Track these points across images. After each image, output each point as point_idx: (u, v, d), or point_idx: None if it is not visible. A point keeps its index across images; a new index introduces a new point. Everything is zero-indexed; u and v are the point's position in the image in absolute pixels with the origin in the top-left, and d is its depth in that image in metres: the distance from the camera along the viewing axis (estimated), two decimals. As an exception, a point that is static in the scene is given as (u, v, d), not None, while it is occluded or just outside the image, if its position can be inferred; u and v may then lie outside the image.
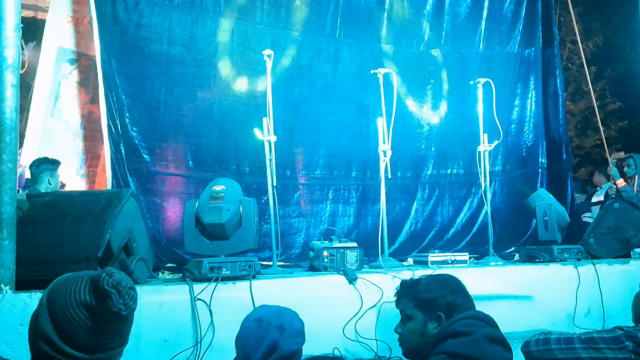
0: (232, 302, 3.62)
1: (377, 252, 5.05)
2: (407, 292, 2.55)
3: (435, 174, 7.05)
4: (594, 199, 8.24)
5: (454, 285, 2.48)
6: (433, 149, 7.06)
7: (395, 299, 2.67)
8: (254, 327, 2.38)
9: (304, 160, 6.37)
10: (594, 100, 7.83)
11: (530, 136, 7.55)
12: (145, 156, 5.47)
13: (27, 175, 5.41)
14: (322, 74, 6.50)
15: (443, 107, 7.13)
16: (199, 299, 3.54)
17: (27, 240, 3.42)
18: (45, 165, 5.22)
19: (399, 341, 2.55)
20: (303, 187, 6.36)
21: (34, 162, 5.31)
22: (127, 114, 5.38)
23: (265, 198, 5.35)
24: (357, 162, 6.63)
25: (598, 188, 8.36)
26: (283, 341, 2.29)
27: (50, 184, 5.13)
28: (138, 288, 3.50)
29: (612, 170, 7.09)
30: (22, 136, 5.71)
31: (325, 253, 4.40)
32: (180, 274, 4.29)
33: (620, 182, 6.95)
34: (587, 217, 7.97)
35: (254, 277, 3.80)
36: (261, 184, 5.72)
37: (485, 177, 5.76)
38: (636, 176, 7.00)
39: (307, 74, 6.42)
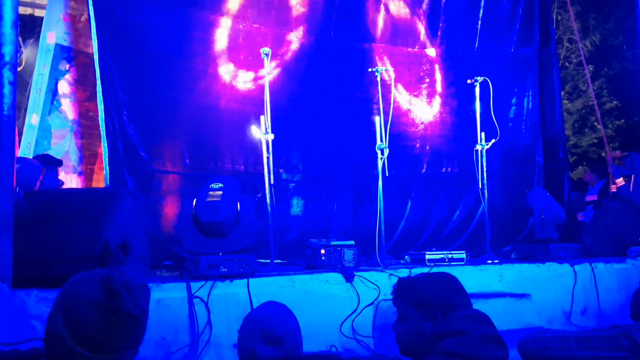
0: (230, 299, 3.62)
1: (373, 250, 5.05)
2: (403, 290, 2.55)
3: (430, 172, 7.06)
4: (588, 198, 8.24)
5: (450, 284, 2.49)
6: (428, 147, 7.07)
7: (392, 297, 2.68)
8: (245, 325, 2.40)
9: (300, 158, 6.38)
10: (595, 99, 7.82)
11: (527, 135, 7.55)
12: (143, 154, 5.48)
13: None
14: (318, 72, 6.50)
15: (438, 106, 7.14)
16: (196, 297, 3.54)
17: (24, 239, 3.41)
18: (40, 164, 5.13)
19: (396, 339, 2.55)
20: (299, 185, 6.36)
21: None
22: (125, 112, 5.38)
23: (259, 195, 5.36)
24: (353, 161, 6.64)
25: (590, 187, 8.37)
26: (262, 347, 2.29)
27: (42, 185, 4.92)
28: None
29: (614, 168, 7.10)
30: (19, 134, 5.70)
31: (322, 251, 4.39)
32: (178, 272, 4.29)
33: (620, 181, 6.96)
34: (582, 217, 7.98)
35: (251, 275, 3.80)
36: (256, 182, 5.74)
37: (482, 175, 5.76)
38: (632, 175, 7.01)
39: (303, 73, 6.43)
